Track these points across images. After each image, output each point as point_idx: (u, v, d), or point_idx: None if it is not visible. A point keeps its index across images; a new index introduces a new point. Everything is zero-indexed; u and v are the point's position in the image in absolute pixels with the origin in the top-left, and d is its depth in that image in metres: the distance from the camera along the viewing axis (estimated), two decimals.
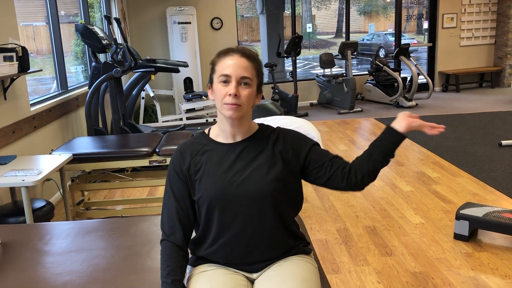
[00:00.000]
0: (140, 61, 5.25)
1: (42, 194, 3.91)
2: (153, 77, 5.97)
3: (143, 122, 7.03)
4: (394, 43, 9.77)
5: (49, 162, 2.97)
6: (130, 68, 4.75)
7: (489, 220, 2.94)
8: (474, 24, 9.07)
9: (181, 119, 6.74)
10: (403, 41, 10.41)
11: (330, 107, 8.21)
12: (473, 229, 3.08)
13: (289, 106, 7.47)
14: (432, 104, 7.91)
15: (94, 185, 3.69)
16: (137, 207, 3.99)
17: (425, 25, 9.88)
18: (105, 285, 1.65)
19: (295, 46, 7.64)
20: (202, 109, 6.98)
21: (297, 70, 8.13)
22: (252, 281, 1.57)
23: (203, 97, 6.77)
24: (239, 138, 1.56)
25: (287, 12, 13.33)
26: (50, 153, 3.35)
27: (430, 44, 9.04)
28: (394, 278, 2.70)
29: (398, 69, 8.26)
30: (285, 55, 7.84)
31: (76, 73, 5.91)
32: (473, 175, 4.33)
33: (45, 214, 2.98)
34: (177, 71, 5.48)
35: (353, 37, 9.51)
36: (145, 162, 3.44)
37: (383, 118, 7.07)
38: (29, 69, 3.47)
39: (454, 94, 8.81)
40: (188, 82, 7.48)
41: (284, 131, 1.61)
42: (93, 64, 4.56)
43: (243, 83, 1.47)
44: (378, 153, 1.50)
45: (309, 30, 21.74)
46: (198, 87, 7.53)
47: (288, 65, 11.73)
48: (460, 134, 5.84)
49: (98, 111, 4.67)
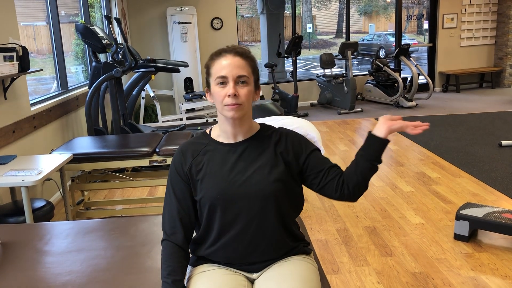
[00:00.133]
0: (140, 61, 5.25)
1: (42, 194, 3.91)
2: (153, 77, 5.97)
3: (143, 122, 7.03)
4: (394, 43, 9.77)
5: (49, 162, 2.97)
6: (130, 68, 4.75)
7: (489, 220, 2.94)
8: (475, 25, 9.07)
9: (181, 119, 6.74)
10: (403, 41, 10.41)
11: (330, 107, 8.21)
12: (473, 229, 3.08)
13: (289, 106, 7.47)
14: (432, 105, 7.91)
15: (94, 185, 3.69)
16: (137, 207, 3.99)
17: (425, 25, 9.88)
18: (105, 285, 1.65)
19: (295, 46, 7.64)
20: (202, 109, 6.98)
21: (297, 70, 8.13)
22: (252, 281, 1.57)
23: (203, 97, 6.76)
24: (241, 138, 1.56)
25: (287, 12, 13.33)
26: (50, 153, 3.35)
27: (430, 44, 9.04)
28: (394, 278, 2.70)
29: (398, 69, 8.26)
30: (285, 55, 7.84)
31: (76, 73, 5.91)
32: (473, 175, 4.33)
33: (45, 214, 2.98)
34: (177, 71, 5.48)
35: (353, 37, 9.51)
36: (145, 162, 3.44)
37: None
38: (29, 69, 3.47)
39: (454, 94, 8.81)
40: (188, 82, 7.48)
41: (286, 132, 1.61)
42: (93, 64, 4.56)
43: (240, 82, 1.47)
44: (364, 162, 1.49)
45: (310, 30, 21.75)
46: (198, 87, 7.53)
47: (288, 65, 11.73)
48: (460, 134, 5.84)
49: (98, 111, 4.67)
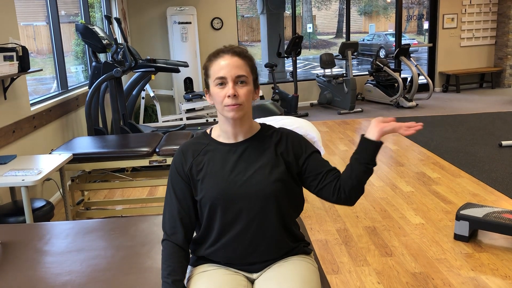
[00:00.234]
0: (140, 61, 5.25)
1: (42, 194, 3.91)
2: (153, 77, 5.97)
3: (143, 122, 7.02)
4: (394, 44, 9.77)
5: (49, 162, 2.97)
6: (130, 68, 4.75)
7: (489, 220, 2.94)
8: (475, 25, 9.07)
9: (181, 119, 6.74)
10: (403, 42, 10.41)
11: (330, 108, 8.21)
12: (473, 229, 3.08)
13: (289, 106, 7.47)
14: (432, 105, 7.91)
15: (94, 185, 3.69)
16: (137, 207, 3.99)
17: (426, 25, 9.88)
18: (105, 285, 1.65)
19: (296, 46, 7.64)
20: (202, 109, 6.97)
21: (297, 70, 8.13)
22: (252, 281, 1.57)
23: (203, 97, 6.76)
24: (241, 138, 1.56)
25: (288, 12, 13.34)
26: (50, 153, 3.35)
27: (431, 44, 9.04)
28: (394, 278, 2.70)
29: (398, 69, 8.26)
30: (286, 55, 7.84)
31: (76, 73, 5.91)
32: (473, 175, 4.33)
33: (45, 214, 2.98)
34: (177, 71, 5.48)
35: (353, 38, 9.51)
36: (145, 162, 3.44)
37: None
38: (29, 68, 3.47)
39: (455, 94, 8.81)
40: (188, 82, 7.48)
41: (287, 133, 1.61)
42: (93, 64, 4.56)
43: (239, 82, 1.47)
44: (359, 165, 1.48)
45: (310, 30, 21.75)
46: (198, 87, 7.52)
47: (288, 65, 11.73)
48: (460, 134, 5.84)
49: (98, 111, 4.67)
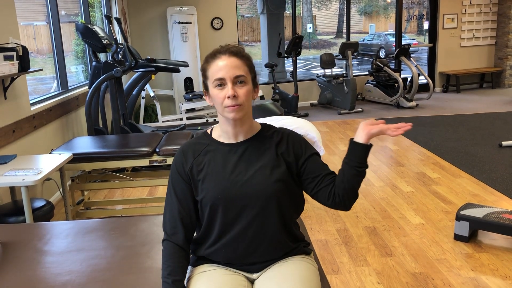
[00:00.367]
0: (140, 60, 5.25)
1: (42, 194, 3.91)
2: (153, 77, 5.97)
3: (143, 122, 7.02)
4: (394, 44, 9.77)
5: (49, 162, 2.97)
6: (131, 68, 4.75)
7: (489, 221, 2.94)
8: (475, 25, 9.07)
9: (181, 119, 6.74)
10: (403, 42, 10.41)
11: (331, 108, 8.21)
12: (473, 230, 3.08)
13: (290, 106, 7.47)
14: (432, 105, 7.91)
15: (94, 185, 3.69)
16: (137, 207, 3.99)
17: (426, 25, 9.88)
18: (105, 285, 1.65)
19: (296, 46, 7.64)
20: (202, 109, 6.98)
21: (298, 70, 8.13)
22: (252, 281, 1.57)
23: (203, 97, 6.75)
24: (242, 138, 1.56)
25: (288, 12, 13.34)
26: (50, 153, 3.35)
27: (431, 44, 9.04)
28: (394, 278, 2.70)
29: (398, 69, 8.26)
30: (286, 55, 7.84)
31: (76, 73, 5.91)
32: (474, 175, 4.33)
33: (45, 214, 2.98)
34: (178, 71, 5.48)
35: (353, 38, 9.52)
36: (145, 162, 3.44)
37: (383, 118, 7.06)
38: (29, 68, 3.47)
39: (455, 94, 8.81)
40: (188, 82, 7.48)
41: (288, 133, 1.61)
42: (94, 63, 4.56)
43: (238, 82, 1.46)
44: (350, 169, 1.49)
45: (310, 30, 21.75)
46: (198, 87, 7.53)
47: (288, 65, 11.73)
48: (460, 134, 5.84)
49: (98, 111, 4.67)
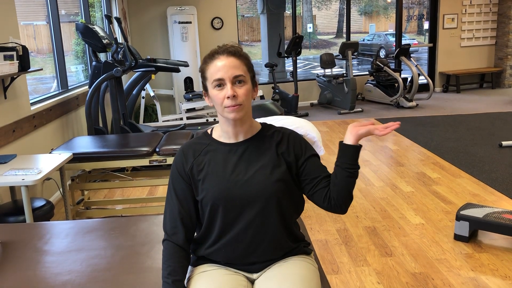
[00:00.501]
0: (140, 60, 5.25)
1: (42, 193, 3.91)
2: (153, 76, 5.97)
3: (143, 122, 7.02)
4: (394, 44, 9.77)
5: (49, 161, 2.97)
6: (131, 68, 4.75)
7: (489, 221, 2.94)
8: (475, 25, 9.07)
9: (181, 118, 6.74)
10: (403, 42, 10.41)
11: (331, 107, 8.21)
12: (473, 230, 3.08)
13: (290, 106, 7.47)
14: (432, 105, 7.91)
15: (94, 185, 3.68)
16: (137, 206, 3.99)
17: (426, 25, 9.88)
18: (105, 285, 1.65)
19: (296, 46, 7.64)
20: (202, 108, 6.98)
21: (298, 70, 8.13)
22: (252, 281, 1.57)
23: (203, 97, 6.75)
24: (242, 138, 1.56)
25: (288, 12, 13.34)
26: (50, 152, 3.35)
27: (431, 44, 9.04)
28: (394, 278, 2.70)
29: (398, 69, 8.26)
30: (286, 55, 7.84)
31: (76, 72, 5.91)
32: (474, 175, 4.33)
33: (45, 214, 2.98)
34: (178, 70, 5.47)
35: (353, 37, 9.51)
36: (145, 162, 3.44)
37: (383, 118, 7.06)
38: (29, 68, 3.47)
39: (455, 94, 8.81)
40: (188, 81, 7.47)
41: (288, 133, 1.61)
42: (94, 63, 4.56)
43: (237, 82, 1.46)
44: (341, 171, 1.49)
45: (310, 30, 21.75)
46: (198, 86, 7.52)
47: (288, 65, 11.73)
48: (460, 134, 5.84)
49: (98, 111, 4.67)
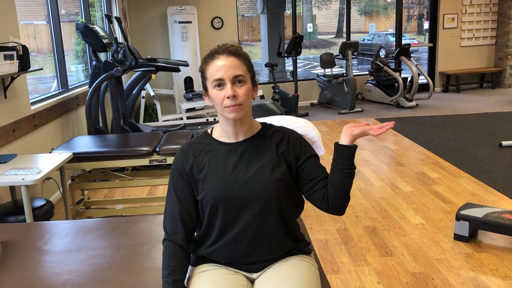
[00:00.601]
0: (140, 60, 5.25)
1: (42, 193, 3.91)
2: (153, 76, 5.97)
3: (144, 121, 7.02)
4: (394, 43, 9.77)
5: (49, 161, 2.97)
6: (131, 67, 4.74)
7: (489, 220, 2.94)
8: (475, 25, 9.07)
9: (181, 118, 6.74)
10: (403, 41, 10.41)
11: (331, 107, 8.21)
12: (473, 229, 3.08)
13: (290, 106, 7.47)
14: (432, 105, 7.91)
15: (94, 184, 3.68)
16: (137, 206, 3.99)
17: (426, 25, 9.88)
18: (105, 284, 1.65)
19: (296, 46, 7.64)
20: (202, 108, 6.97)
21: (298, 70, 8.13)
22: (252, 281, 1.57)
23: (203, 97, 6.75)
24: (242, 137, 1.56)
25: (288, 12, 13.33)
26: (50, 152, 3.35)
27: (431, 44, 9.04)
28: (394, 278, 2.70)
29: (398, 69, 8.26)
30: (286, 55, 7.84)
31: (76, 72, 5.91)
32: (474, 175, 4.33)
33: (45, 213, 2.98)
34: (178, 70, 5.47)
35: (353, 37, 9.51)
36: (145, 161, 3.44)
37: (383, 118, 7.07)
38: (29, 67, 3.47)
39: (455, 94, 8.81)
40: (188, 81, 7.47)
41: (289, 133, 1.61)
42: (94, 63, 4.56)
43: (237, 82, 1.46)
44: (338, 171, 1.50)
45: (310, 30, 21.74)
46: (198, 86, 7.52)
47: (288, 65, 11.73)
48: (460, 134, 5.84)
49: (98, 110, 4.67)
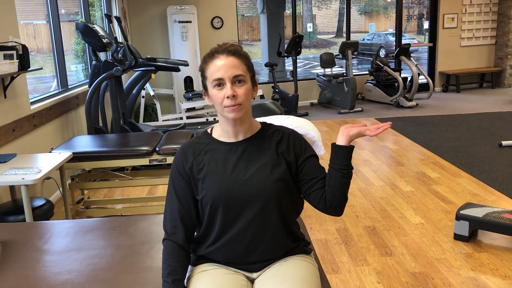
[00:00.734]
0: (140, 59, 5.25)
1: (42, 193, 3.91)
2: (153, 76, 5.97)
3: (143, 121, 7.02)
4: (394, 43, 9.77)
5: (49, 161, 2.97)
6: (131, 67, 4.74)
7: (489, 220, 2.94)
8: (475, 25, 9.07)
9: (181, 118, 6.74)
10: (403, 41, 10.41)
11: (331, 107, 8.21)
12: (473, 229, 3.08)
13: (290, 106, 7.47)
14: (432, 104, 7.91)
15: (94, 184, 3.68)
16: (137, 206, 3.99)
17: (426, 25, 9.87)
18: (105, 284, 1.65)
19: (296, 46, 7.64)
20: (202, 108, 6.97)
21: (298, 69, 8.13)
22: (252, 280, 1.57)
23: (203, 96, 6.74)
24: (242, 137, 1.56)
25: (288, 11, 13.33)
26: (50, 152, 3.34)
27: (431, 44, 9.04)
28: (394, 278, 2.70)
29: (398, 69, 8.26)
30: (286, 55, 7.83)
31: (76, 72, 5.90)
32: (473, 175, 4.33)
33: (45, 213, 2.98)
34: (178, 70, 5.47)
35: (353, 37, 9.52)
36: (145, 161, 3.44)
37: (383, 118, 7.07)
38: (29, 67, 3.46)
39: (455, 94, 8.81)
40: (188, 81, 7.47)
41: (288, 132, 1.61)
42: (94, 62, 4.56)
43: (237, 82, 1.46)
44: (335, 172, 1.50)
45: (310, 29, 21.74)
46: (198, 86, 7.52)
47: (288, 64, 11.73)
48: (460, 134, 5.84)
49: (98, 110, 4.67)
